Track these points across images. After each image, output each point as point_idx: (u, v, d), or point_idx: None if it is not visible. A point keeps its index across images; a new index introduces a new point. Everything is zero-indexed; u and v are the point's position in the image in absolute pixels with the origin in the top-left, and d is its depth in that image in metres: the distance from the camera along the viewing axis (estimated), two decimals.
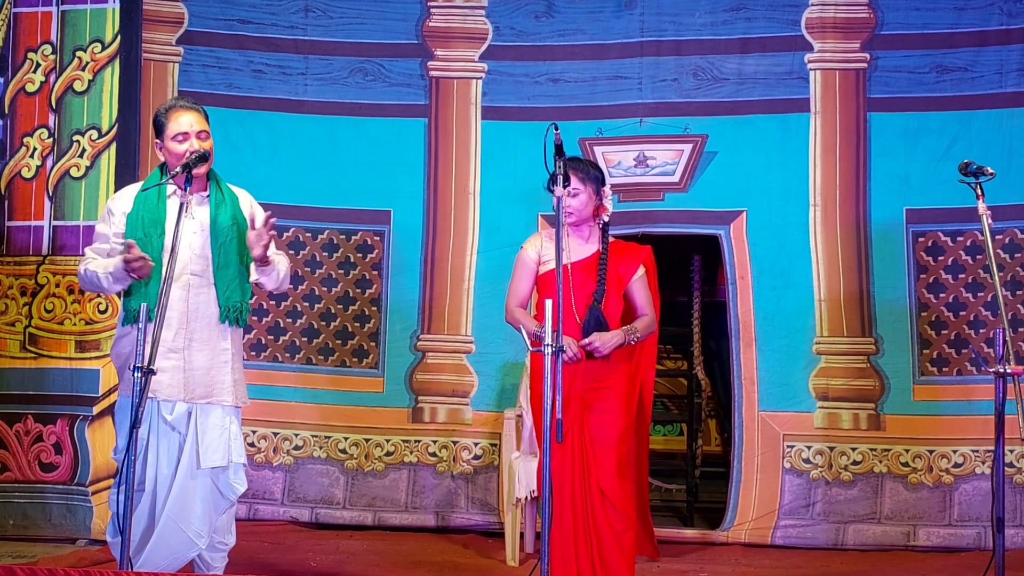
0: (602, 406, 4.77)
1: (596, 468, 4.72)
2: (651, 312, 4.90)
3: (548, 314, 4.74)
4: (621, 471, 4.73)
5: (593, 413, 4.77)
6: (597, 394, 4.78)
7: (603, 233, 4.93)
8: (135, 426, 4.23)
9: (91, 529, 6.18)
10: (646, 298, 4.91)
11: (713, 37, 6.48)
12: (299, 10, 6.65)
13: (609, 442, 4.73)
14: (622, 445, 4.75)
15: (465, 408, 6.50)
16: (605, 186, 4.96)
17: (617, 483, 4.71)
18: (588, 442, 4.75)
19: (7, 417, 6.32)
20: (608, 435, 4.74)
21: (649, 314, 4.89)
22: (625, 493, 4.74)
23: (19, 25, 6.52)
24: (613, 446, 4.73)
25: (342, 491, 6.52)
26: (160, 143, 4.72)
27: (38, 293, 6.36)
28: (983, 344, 6.14)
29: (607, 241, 4.92)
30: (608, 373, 4.79)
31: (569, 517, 4.71)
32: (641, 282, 4.91)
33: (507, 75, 6.59)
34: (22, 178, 6.45)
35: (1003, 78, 6.27)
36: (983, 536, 5.99)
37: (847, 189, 6.37)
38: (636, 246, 5.00)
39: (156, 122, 4.73)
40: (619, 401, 4.78)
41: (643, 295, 4.91)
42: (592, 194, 4.91)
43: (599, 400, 4.77)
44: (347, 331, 6.62)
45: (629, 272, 4.90)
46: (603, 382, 4.79)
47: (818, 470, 6.26)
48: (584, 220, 4.94)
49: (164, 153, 4.73)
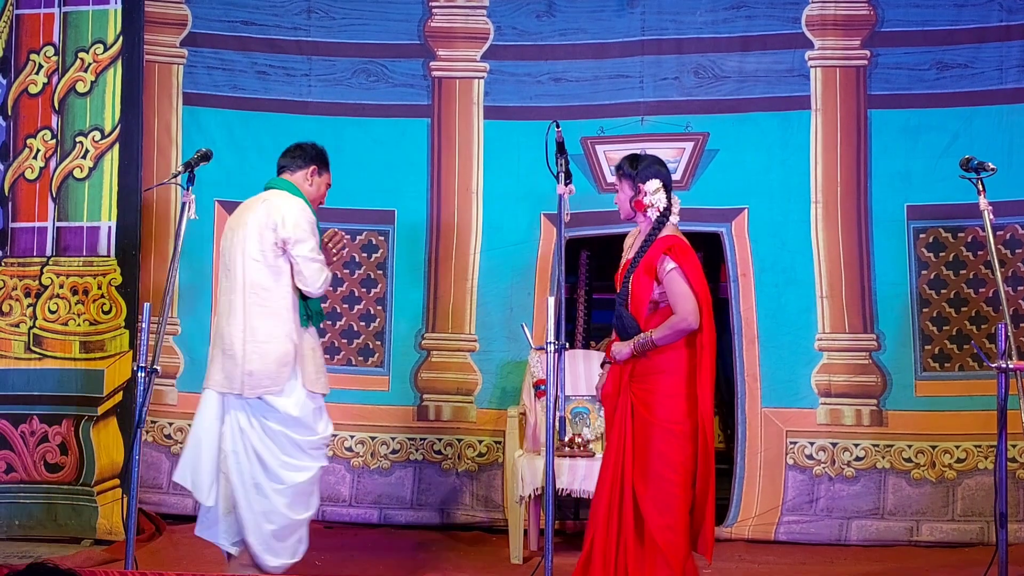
0: (642, 403, 4.68)
1: (632, 464, 4.67)
2: (680, 310, 4.61)
3: (550, 312, 4.77)
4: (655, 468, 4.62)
5: (637, 410, 4.69)
6: (642, 399, 4.69)
7: (652, 230, 4.75)
8: (139, 425, 4.25)
9: (96, 529, 6.19)
10: (673, 295, 4.63)
11: (714, 35, 6.49)
12: (302, 11, 6.67)
13: (646, 445, 4.64)
14: (660, 443, 4.62)
15: (469, 406, 6.51)
16: (646, 181, 4.74)
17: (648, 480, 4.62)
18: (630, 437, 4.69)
19: (12, 418, 6.32)
20: (648, 441, 4.64)
21: (677, 313, 4.62)
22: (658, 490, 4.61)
23: (21, 27, 6.52)
24: (652, 453, 4.62)
25: (348, 489, 6.54)
26: (318, 174, 5.17)
27: (42, 294, 6.37)
28: (985, 340, 6.15)
29: (650, 239, 4.73)
30: (649, 373, 4.69)
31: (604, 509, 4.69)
32: (669, 277, 4.63)
33: (509, 75, 6.61)
34: (25, 179, 6.45)
35: (1003, 74, 6.28)
36: (986, 531, 6.00)
37: (848, 186, 6.38)
38: (668, 238, 4.72)
39: (323, 156, 5.21)
40: (659, 399, 4.65)
41: (671, 291, 4.64)
42: (628, 189, 4.80)
43: (639, 398, 4.69)
44: (353, 330, 6.64)
45: (652, 268, 4.68)
46: (644, 383, 4.70)
47: (821, 466, 6.27)
48: (628, 216, 4.87)
49: (312, 182, 5.15)
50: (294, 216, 4.94)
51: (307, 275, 4.94)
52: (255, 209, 5.05)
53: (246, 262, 4.95)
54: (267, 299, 4.93)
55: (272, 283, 4.94)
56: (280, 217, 4.93)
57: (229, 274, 5.03)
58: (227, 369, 4.94)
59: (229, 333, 4.95)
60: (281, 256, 4.94)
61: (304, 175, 5.18)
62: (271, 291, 4.94)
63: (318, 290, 5.00)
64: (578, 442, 5.93)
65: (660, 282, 4.67)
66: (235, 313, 4.96)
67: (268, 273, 4.94)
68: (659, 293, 4.69)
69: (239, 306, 4.95)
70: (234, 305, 4.97)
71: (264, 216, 4.96)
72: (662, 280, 4.66)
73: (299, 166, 5.19)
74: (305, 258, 4.94)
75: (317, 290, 4.99)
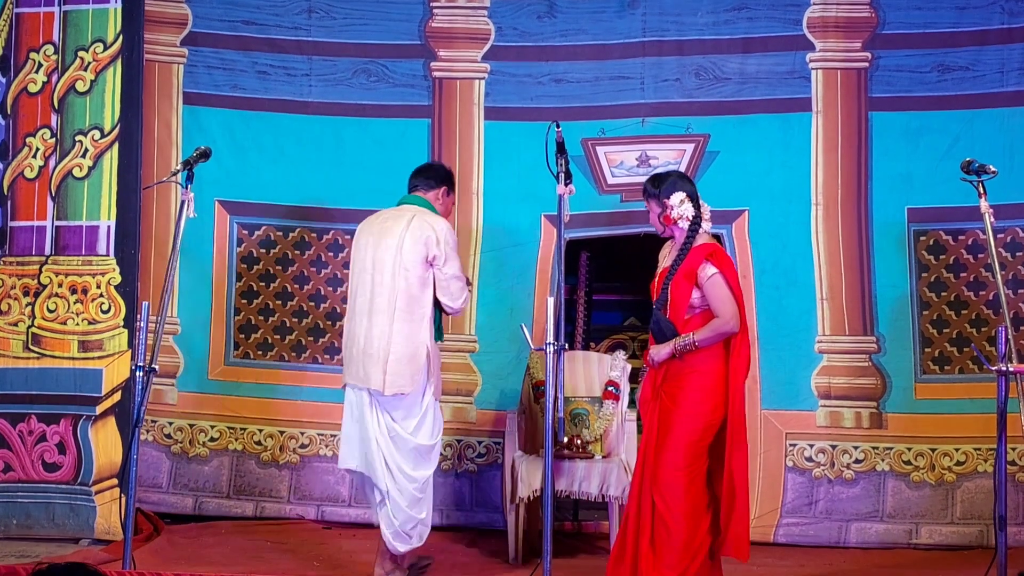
0: (670, 402, 4.86)
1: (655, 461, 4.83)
2: (722, 313, 4.82)
3: (549, 313, 4.78)
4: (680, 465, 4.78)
5: (664, 406, 4.87)
6: (670, 393, 4.87)
7: (687, 240, 4.94)
8: (137, 425, 4.25)
9: (94, 529, 6.18)
10: (716, 299, 4.83)
11: (715, 37, 6.48)
12: (303, 11, 6.66)
13: (665, 431, 4.82)
14: (681, 437, 4.80)
15: (469, 407, 6.51)
16: (670, 196, 4.94)
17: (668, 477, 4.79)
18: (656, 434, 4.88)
19: (11, 417, 6.31)
20: (668, 429, 4.82)
21: (720, 316, 4.82)
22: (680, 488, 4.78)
23: (21, 25, 6.51)
24: (668, 436, 4.81)
25: (348, 489, 6.53)
26: (447, 194, 5.49)
27: (41, 293, 6.36)
28: (985, 343, 6.14)
29: (686, 247, 4.92)
30: (682, 373, 4.87)
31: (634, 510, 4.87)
32: (711, 282, 4.83)
33: (510, 75, 6.60)
34: (25, 178, 6.44)
35: (1004, 77, 6.28)
36: (986, 534, 5.99)
37: (849, 188, 6.38)
38: (707, 245, 4.95)
39: (452, 178, 5.57)
40: (687, 396, 4.83)
41: (713, 295, 4.84)
42: (656, 207, 5.02)
43: (669, 395, 4.87)
44: None
45: (692, 274, 4.88)
46: (675, 381, 4.88)
47: (820, 468, 6.27)
48: (661, 232, 5.08)
49: (443, 201, 5.46)
50: (444, 235, 5.25)
51: (453, 291, 5.26)
52: (402, 221, 5.27)
53: (398, 270, 5.20)
54: (413, 307, 5.20)
55: (419, 293, 5.22)
56: (433, 234, 5.21)
57: (374, 278, 5.24)
58: (367, 367, 5.19)
59: (370, 333, 5.19)
60: (428, 270, 5.22)
61: (436, 194, 5.45)
62: (417, 300, 5.21)
63: (459, 306, 5.31)
64: (577, 444, 5.92)
65: (700, 287, 4.86)
66: (378, 314, 5.20)
67: (418, 283, 5.21)
68: (697, 298, 4.88)
69: (384, 308, 5.19)
70: (377, 307, 5.20)
71: (418, 230, 5.23)
72: (702, 285, 4.86)
73: (431, 186, 5.47)
74: (452, 276, 5.25)
75: (459, 306, 5.31)
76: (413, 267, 5.19)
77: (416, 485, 5.24)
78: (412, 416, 5.23)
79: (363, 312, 5.25)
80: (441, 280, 5.23)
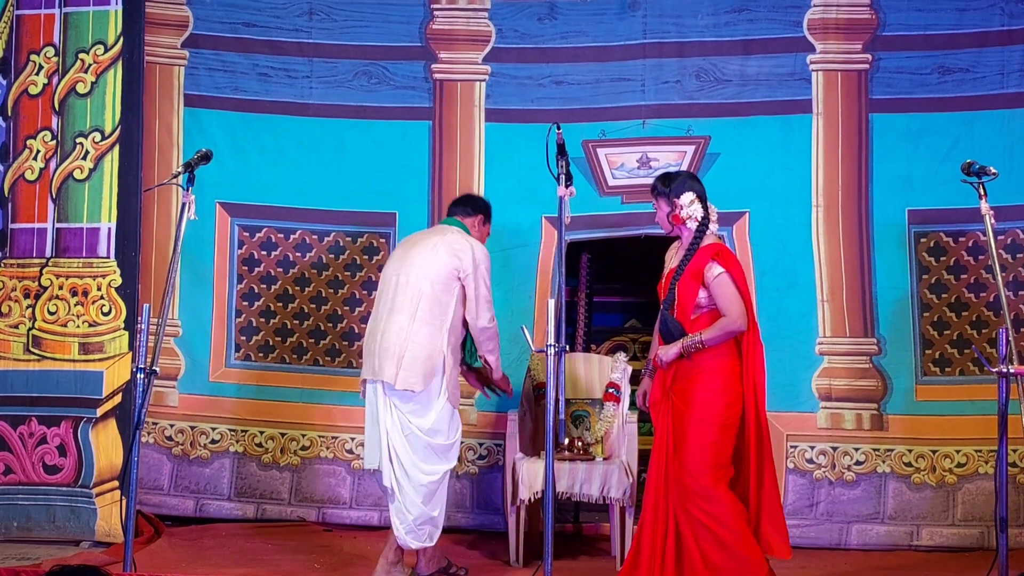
0: (682, 404, 4.89)
1: (679, 469, 4.84)
2: (729, 312, 4.85)
3: (550, 315, 4.78)
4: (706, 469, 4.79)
5: (676, 408, 4.90)
6: (680, 395, 4.90)
7: (694, 240, 4.97)
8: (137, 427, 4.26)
9: (95, 531, 6.18)
10: (722, 298, 4.86)
11: (715, 39, 6.49)
12: (303, 13, 6.67)
13: (682, 436, 4.85)
14: (699, 439, 4.80)
15: (470, 409, 6.50)
16: (680, 195, 4.96)
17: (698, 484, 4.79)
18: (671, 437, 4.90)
19: (11, 419, 6.31)
20: (684, 435, 4.84)
21: (727, 315, 4.86)
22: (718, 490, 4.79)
23: (21, 27, 6.51)
24: (686, 440, 4.82)
25: (348, 491, 6.53)
26: (483, 223, 5.68)
27: (41, 295, 6.36)
28: (985, 344, 6.14)
29: (693, 248, 4.95)
30: (691, 373, 4.89)
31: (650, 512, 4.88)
32: (718, 281, 4.86)
33: (510, 77, 6.61)
34: (25, 180, 6.44)
35: (1005, 79, 6.29)
36: (986, 536, 6.00)
37: (849, 190, 6.38)
38: (713, 245, 4.97)
39: (489, 210, 5.73)
40: (698, 397, 4.85)
41: (719, 294, 4.87)
42: (665, 206, 5.04)
43: (679, 397, 4.90)
44: (354, 332, 6.62)
45: (699, 273, 4.89)
46: (685, 381, 4.90)
47: (821, 470, 6.27)
48: (670, 232, 5.11)
49: (479, 230, 5.64)
50: (480, 256, 5.41)
51: (479, 310, 5.38)
52: (439, 234, 5.49)
53: (425, 274, 5.33)
54: (435, 311, 5.31)
55: (444, 298, 5.34)
56: (469, 252, 5.38)
57: (399, 279, 5.37)
58: (382, 360, 5.28)
59: (388, 329, 5.31)
60: (456, 282, 5.35)
61: (473, 221, 5.65)
62: (441, 305, 5.33)
63: (484, 325, 5.40)
64: (578, 446, 5.92)
65: (707, 287, 4.88)
66: (399, 313, 5.31)
67: (443, 290, 5.34)
68: (704, 298, 4.90)
69: (406, 308, 5.31)
70: (399, 306, 5.32)
71: (455, 243, 5.40)
72: (709, 284, 4.88)
73: (468, 213, 5.67)
74: (481, 296, 5.38)
75: (483, 325, 5.40)
76: (440, 274, 5.32)
77: (432, 479, 5.28)
78: (422, 415, 5.28)
79: (385, 310, 5.38)
80: (471, 298, 5.36)
